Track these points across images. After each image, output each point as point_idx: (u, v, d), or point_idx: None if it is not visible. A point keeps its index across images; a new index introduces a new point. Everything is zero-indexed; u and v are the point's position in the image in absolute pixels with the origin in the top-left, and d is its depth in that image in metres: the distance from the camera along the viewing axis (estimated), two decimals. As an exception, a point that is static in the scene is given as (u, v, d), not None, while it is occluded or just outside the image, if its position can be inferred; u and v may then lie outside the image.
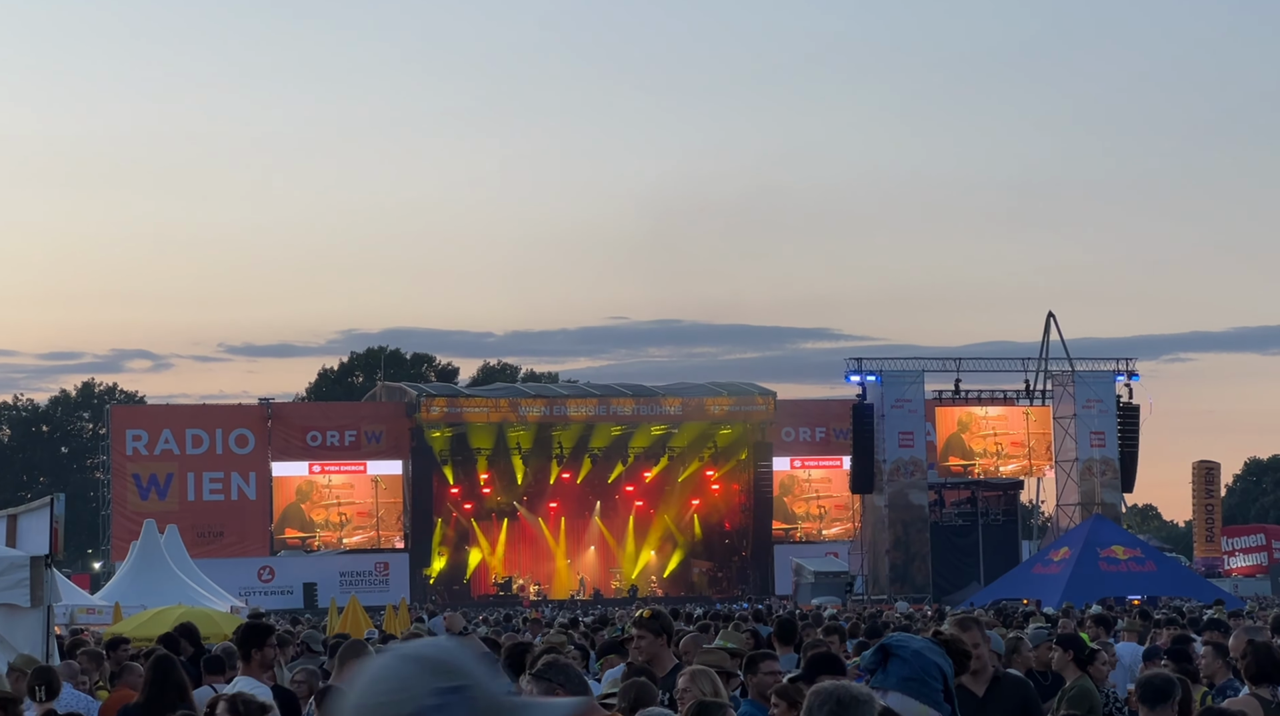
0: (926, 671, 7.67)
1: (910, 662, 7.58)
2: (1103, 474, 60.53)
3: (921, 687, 7.66)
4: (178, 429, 69.48)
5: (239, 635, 12.50)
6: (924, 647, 7.79)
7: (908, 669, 7.64)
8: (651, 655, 10.70)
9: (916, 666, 7.62)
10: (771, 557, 70.80)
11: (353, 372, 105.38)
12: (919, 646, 7.75)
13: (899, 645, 7.77)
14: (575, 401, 71.97)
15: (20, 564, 13.44)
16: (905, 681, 7.70)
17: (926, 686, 7.66)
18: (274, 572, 66.26)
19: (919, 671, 7.62)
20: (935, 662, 7.78)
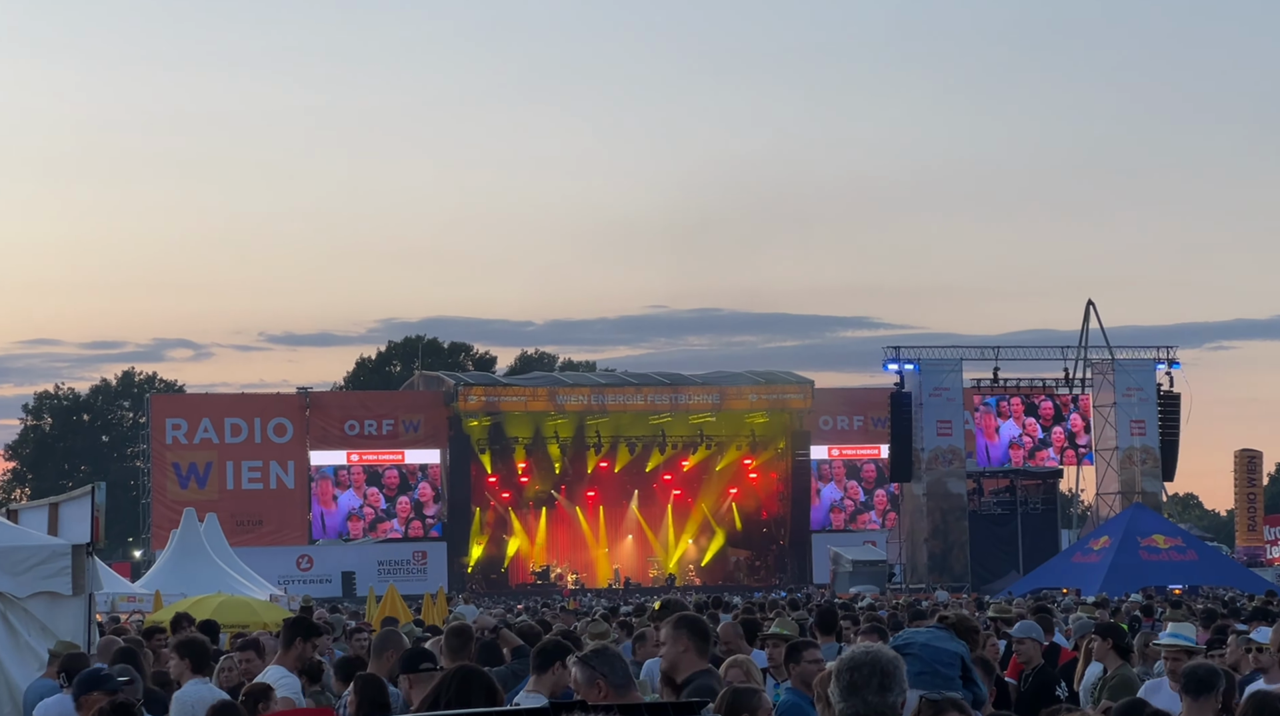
0: (938, 661, 7.64)
1: (920, 657, 7.55)
2: (1143, 462, 60.22)
3: (934, 680, 7.62)
4: (217, 418, 69.77)
5: (288, 623, 12.53)
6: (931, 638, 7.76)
7: (919, 664, 7.61)
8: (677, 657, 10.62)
9: (927, 659, 7.59)
10: (809, 546, 70.74)
11: (390, 362, 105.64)
12: (925, 639, 7.72)
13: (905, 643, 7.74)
14: (613, 390, 72.04)
15: (62, 552, 13.48)
16: (918, 677, 7.67)
17: (939, 676, 7.62)
18: (312, 561, 66.50)
19: (930, 664, 7.59)
20: (946, 649, 7.74)
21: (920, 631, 7.98)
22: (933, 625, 8.29)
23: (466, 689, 7.16)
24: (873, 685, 5.57)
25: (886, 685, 5.56)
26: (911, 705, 7.41)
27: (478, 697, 7.06)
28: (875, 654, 5.74)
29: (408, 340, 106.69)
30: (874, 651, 5.76)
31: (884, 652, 5.80)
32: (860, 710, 5.50)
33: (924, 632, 7.95)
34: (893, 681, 5.57)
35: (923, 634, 7.94)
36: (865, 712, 5.49)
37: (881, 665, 5.61)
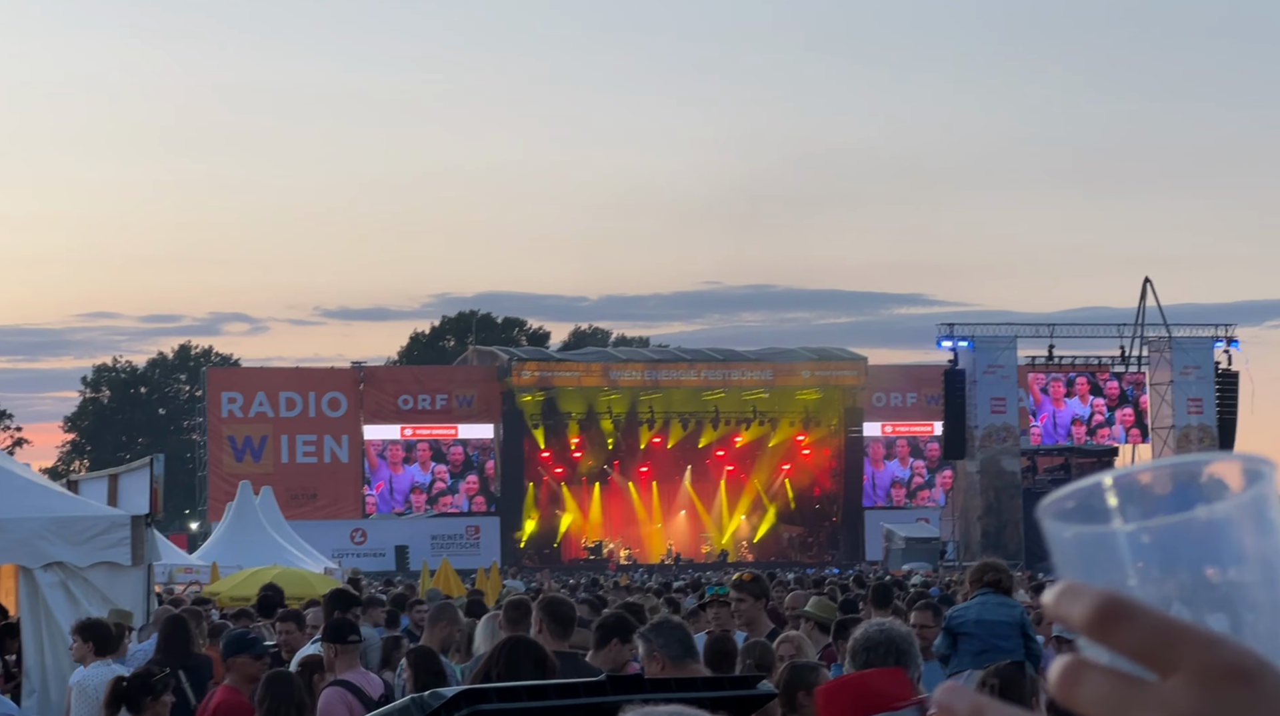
0: (995, 635, 7.61)
1: (977, 636, 7.53)
2: (1200, 441, 59.84)
3: (996, 655, 7.60)
4: (271, 392, 70.17)
5: (326, 597, 12.69)
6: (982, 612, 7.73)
7: (978, 643, 7.60)
8: (750, 618, 10.70)
9: (984, 636, 7.56)
10: (862, 523, 70.64)
11: (444, 336, 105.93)
12: (977, 614, 7.69)
13: (959, 624, 7.72)
14: (667, 366, 72.07)
15: (121, 523, 13.59)
16: (980, 656, 7.65)
17: (1000, 651, 7.60)
18: (366, 535, 66.80)
19: (988, 641, 7.57)
20: (1000, 621, 7.72)
21: (970, 606, 7.95)
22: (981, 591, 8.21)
23: (515, 659, 7.17)
24: (889, 663, 5.61)
25: (902, 662, 5.61)
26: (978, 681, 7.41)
27: (526, 668, 7.07)
28: (889, 631, 5.79)
29: (461, 315, 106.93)
30: (888, 629, 5.81)
31: (898, 629, 5.86)
32: None
33: (974, 607, 7.93)
34: (908, 658, 5.62)
35: (973, 608, 7.92)
36: None
37: (896, 642, 5.66)
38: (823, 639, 10.96)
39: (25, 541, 13.21)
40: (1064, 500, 0.98)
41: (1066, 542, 0.96)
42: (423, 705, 5.10)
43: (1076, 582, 0.93)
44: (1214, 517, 0.92)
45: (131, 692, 9.04)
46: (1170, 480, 0.95)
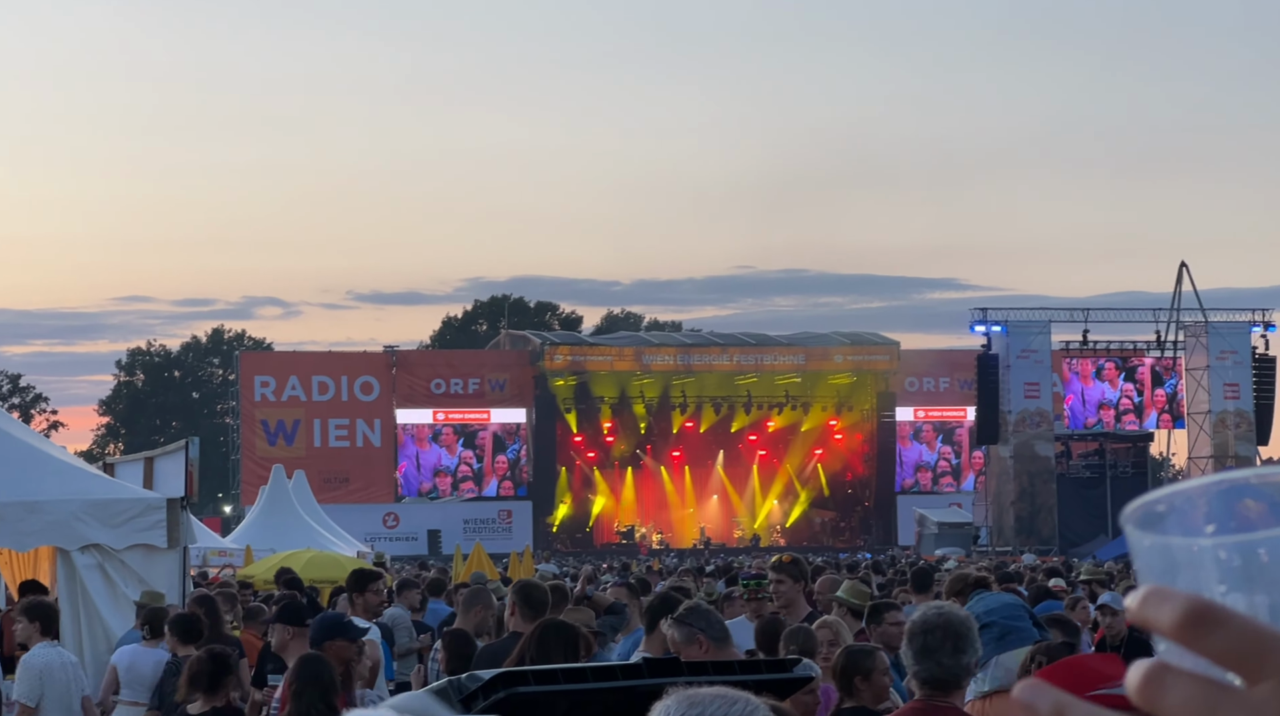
0: (1012, 616, 7.58)
1: (998, 623, 7.51)
2: (1236, 426, 59.53)
3: (1019, 638, 7.57)
4: (304, 376, 70.36)
5: (348, 581, 12.73)
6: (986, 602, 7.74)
7: (997, 629, 7.56)
8: (789, 600, 10.66)
9: (1004, 619, 7.54)
10: (895, 508, 70.53)
11: (477, 321, 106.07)
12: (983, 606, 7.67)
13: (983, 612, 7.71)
14: (699, 350, 72.04)
15: (157, 505, 13.63)
16: (1001, 641, 7.61)
17: (1021, 633, 7.57)
18: (399, 519, 66.94)
19: (1009, 624, 7.54)
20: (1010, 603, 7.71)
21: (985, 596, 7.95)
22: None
23: (546, 643, 7.16)
24: (946, 648, 5.58)
25: (960, 646, 5.58)
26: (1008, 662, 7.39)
27: (557, 651, 7.06)
28: (948, 615, 5.76)
29: (494, 299, 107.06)
30: (946, 613, 5.78)
31: (956, 614, 5.83)
32: (935, 673, 5.55)
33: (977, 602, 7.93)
34: (966, 643, 5.59)
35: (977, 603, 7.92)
36: (939, 675, 5.53)
37: (955, 627, 5.62)
38: (855, 624, 10.92)
39: (62, 523, 13.26)
40: (1153, 505, 0.96)
41: (1152, 550, 0.95)
42: (460, 687, 5.08)
43: (1163, 587, 0.92)
44: None
45: (215, 672, 9.12)
46: (1261, 493, 0.94)
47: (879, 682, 7.73)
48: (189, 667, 9.36)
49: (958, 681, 5.66)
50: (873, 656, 7.79)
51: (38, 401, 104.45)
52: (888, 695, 7.93)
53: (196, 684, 9.22)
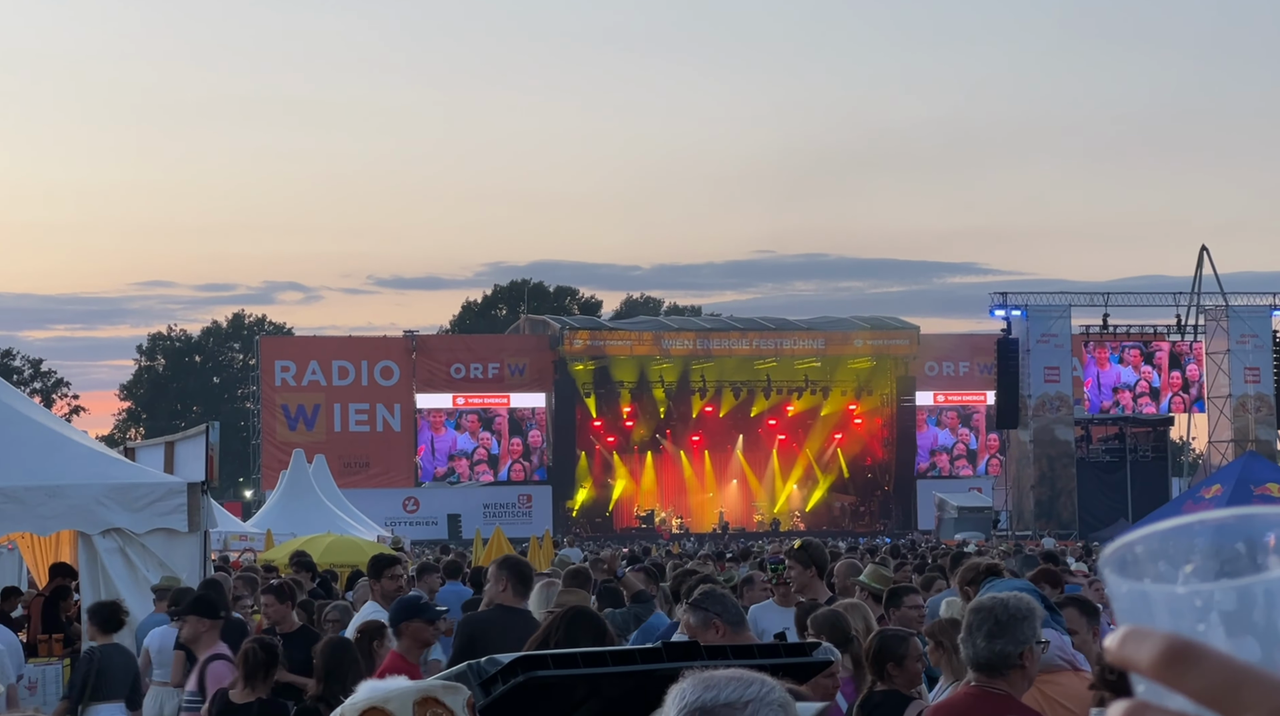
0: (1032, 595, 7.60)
1: None
2: (1257, 410, 59.34)
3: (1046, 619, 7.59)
4: (324, 360, 70.46)
5: (369, 565, 12.80)
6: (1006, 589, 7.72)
7: None
8: (803, 585, 10.64)
9: None
10: (914, 492, 70.47)
11: (496, 305, 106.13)
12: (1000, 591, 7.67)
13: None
14: (719, 335, 72.00)
15: (178, 490, 13.68)
16: None
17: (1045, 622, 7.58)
18: (419, 503, 67.05)
19: None
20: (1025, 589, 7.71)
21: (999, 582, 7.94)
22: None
23: (574, 629, 7.18)
24: (984, 630, 5.70)
25: (998, 631, 5.67)
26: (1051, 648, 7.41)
27: (585, 638, 7.07)
28: (996, 599, 5.86)
29: (513, 284, 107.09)
30: (999, 600, 5.87)
31: (1004, 599, 5.88)
32: (970, 654, 5.70)
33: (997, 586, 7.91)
34: (1006, 629, 5.67)
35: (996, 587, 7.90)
36: (973, 657, 5.68)
37: (996, 614, 5.71)
38: (877, 608, 10.92)
39: (84, 507, 13.32)
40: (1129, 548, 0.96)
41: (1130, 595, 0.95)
42: (479, 670, 5.10)
43: (1141, 626, 0.93)
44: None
45: (267, 660, 9.25)
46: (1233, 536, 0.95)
47: (912, 669, 7.74)
48: (245, 656, 9.39)
49: (994, 666, 5.74)
50: (906, 642, 7.79)
51: (59, 386, 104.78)
52: (920, 680, 7.95)
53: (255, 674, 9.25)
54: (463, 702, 3.09)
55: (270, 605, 11.26)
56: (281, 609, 10.84)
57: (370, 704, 3.03)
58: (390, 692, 3.05)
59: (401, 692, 3.04)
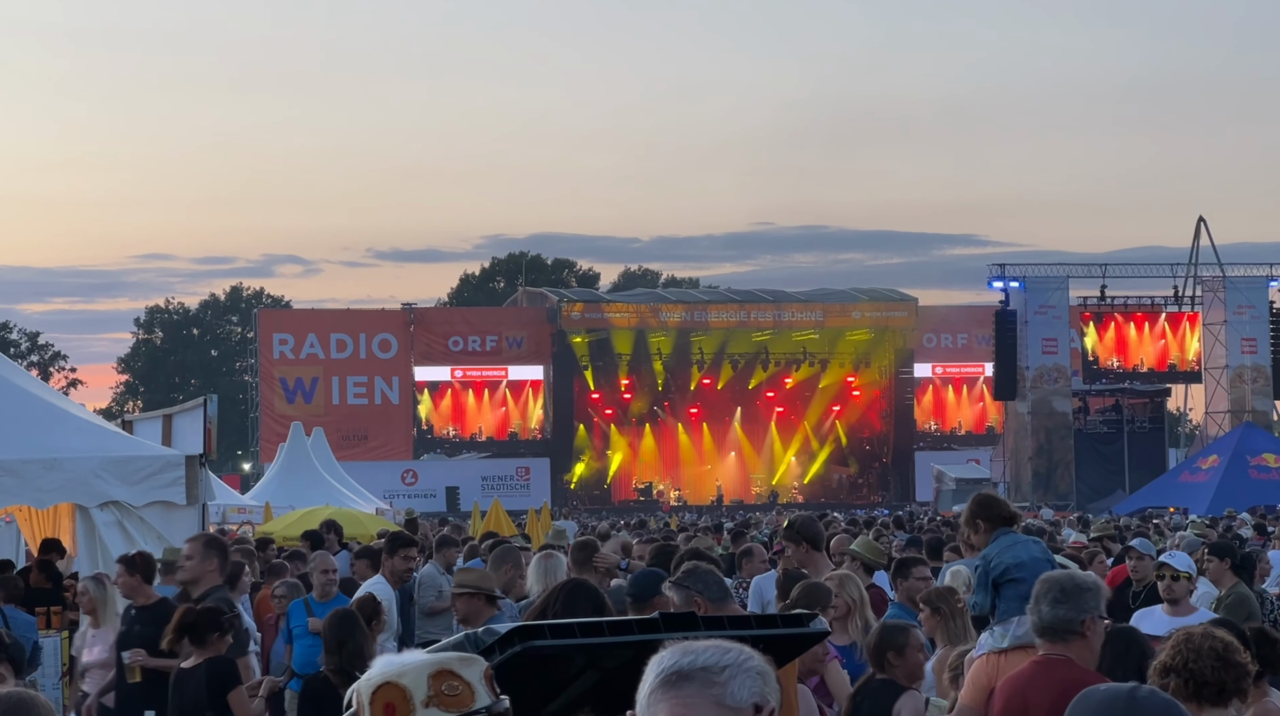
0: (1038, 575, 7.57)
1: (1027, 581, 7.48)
2: (1254, 381, 59.35)
3: None
4: (322, 333, 70.40)
5: (386, 542, 12.79)
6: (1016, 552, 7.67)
7: (1025, 586, 7.53)
8: (801, 562, 10.66)
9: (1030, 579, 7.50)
10: (912, 464, 70.52)
11: (494, 278, 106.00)
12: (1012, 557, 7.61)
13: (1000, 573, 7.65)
14: (716, 307, 71.98)
15: (176, 462, 13.67)
16: (1027, 601, 7.60)
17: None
18: (417, 476, 67.09)
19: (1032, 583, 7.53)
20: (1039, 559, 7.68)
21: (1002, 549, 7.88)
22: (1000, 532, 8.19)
23: (573, 601, 7.18)
24: (1048, 598, 6.17)
25: (1060, 600, 6.15)
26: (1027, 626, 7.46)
27: (584, 610, 7.08)
28: (1064, 573, 6.43)
29: (511, 256, 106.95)
30: (1066, 572, 6.46)
31: (1072, 574, 6.41)
32: (1035, 621, 6.23)
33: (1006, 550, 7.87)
34: (1068, 598, 6.15)
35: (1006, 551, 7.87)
36: (1039, 623, 6.21)
37: (1062, 583, 6.23)
38: (866, 578, 10.95)
39: (82, 480, 13.31)
40: None
41: None
42: (476, 640, 5.10)
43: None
44: None
45: (199, 625, 9.12)
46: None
47: (913, 659, 7.73)
48: (177, 616, 9.28)
49: (1057, 631, 6.17)
50: (907, 632, 7.78)
51: (56, 359, 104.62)
52: (922, 672, 7.92)
53: (177, 634, 9.16)
54: (480, 674, 3.09)
55: (120, 576, 10.85)
56: (131, 581, 10.53)
57: (384, 679, 3.02)
58: (405, 666, 3.04)
59: (417, 666, 3.04)
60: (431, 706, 2.99)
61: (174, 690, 9.26)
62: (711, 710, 2.74)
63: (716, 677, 2.75)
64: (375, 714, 3.01)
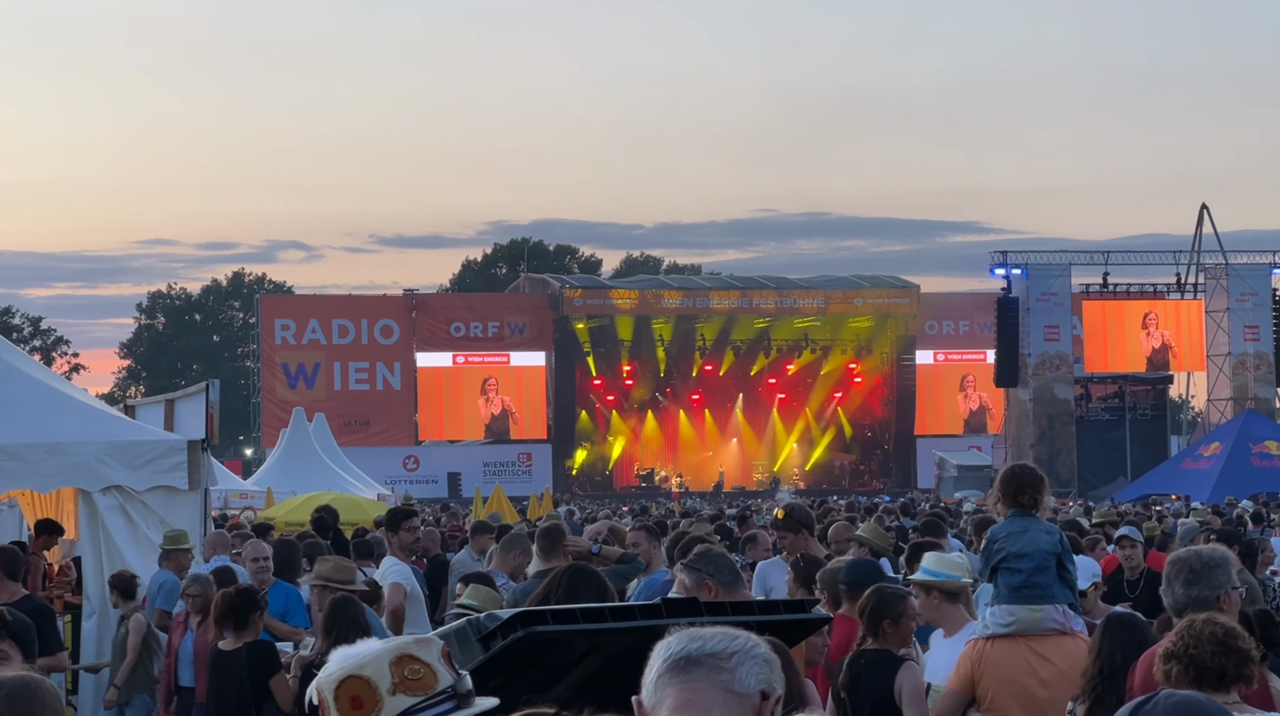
0: (1039, 569, 7.53)
1: (1024, 572, 7.46)
2: (1256, 368, 59.30)
3: (1035, 595, 7.53)
4: (324, 319, 70.35)
5: (385, 519, 12.78)
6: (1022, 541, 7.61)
7: (1020, 577, 7.53)
8: (798, 550, 10.68)
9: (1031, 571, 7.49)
10: (914, 451, 70.52)
11: (496, 264, 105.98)
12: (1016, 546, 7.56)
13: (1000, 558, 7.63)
14: (717, 293, 71.93)
15: (178, 447, 13.68)
16: (1018, 591, 7.58)
17: (1040, 592, 7.53)
18: (419, 462, 67.12)
19: (1034, 580, 7.49)
20: (1043, 551, 7.63)
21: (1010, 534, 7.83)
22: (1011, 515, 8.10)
23: (575, 586, 7.19)
24: (1180, 579, 6.30)
25: (1192, 580, 6.28)
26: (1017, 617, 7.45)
27: (586, 595, 7.09)
28: (1191, 552, 6.53)
29: (514, 243, 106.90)
30: (1193, 551, 6.55)
31: (1199, 552, 6.51)
32: (1169, 602, 6.35)
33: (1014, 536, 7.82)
34: (1199, 577, 6.27)
35: (1013, 538, 7.82)
36: (1173, 604, 6.31)
37: (1191, 563, 6.35)
38: (872, 563, 10.95)
39: (84, 465, 13.32)
40: None
41: None
42: (479, 626, 5.11)
43: None
44: None
45: (242, 607, 9.41)
46: None
47: (906, 627, 7.75)
48: (219, 601, 9.51)
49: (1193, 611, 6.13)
50: (904, 601, 7.78)
51: (59, 344, 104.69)
52: (911, 639, 7.94)
53: (225, 619, 9.39)
54: (437, 654, 3.10)
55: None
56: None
57: (346, 673, 3.02)
58: (365, 658, 3.04)
59: (376, 656, 3.04)
60: (399, 693, 3.00)
61: (212, 670, 9.38)
62: (719, 696, 2.75)
63: (724, 664, 2.77)
64: (342, 709, 3.01)
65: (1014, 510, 7.94)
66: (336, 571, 9.88)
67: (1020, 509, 7.94)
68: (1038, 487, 8.07)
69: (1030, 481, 8.08)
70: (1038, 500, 8.04)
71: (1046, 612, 7.61)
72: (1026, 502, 7.97)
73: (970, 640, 7.70)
